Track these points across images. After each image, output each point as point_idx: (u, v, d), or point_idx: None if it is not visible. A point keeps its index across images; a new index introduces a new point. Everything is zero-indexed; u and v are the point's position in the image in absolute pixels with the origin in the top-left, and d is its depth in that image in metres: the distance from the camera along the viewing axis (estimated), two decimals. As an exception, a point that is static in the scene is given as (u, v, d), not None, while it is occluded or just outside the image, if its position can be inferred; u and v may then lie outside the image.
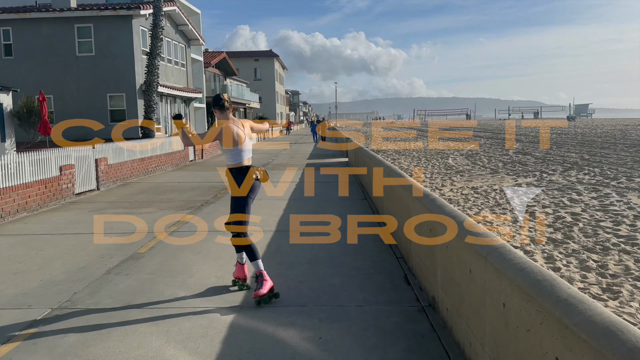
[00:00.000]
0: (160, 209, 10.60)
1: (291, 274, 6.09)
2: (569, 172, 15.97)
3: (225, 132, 5.14)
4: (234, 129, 5.18)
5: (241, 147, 5.20)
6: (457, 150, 27.50)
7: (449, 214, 4.51)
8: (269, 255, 6.90)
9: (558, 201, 10.65)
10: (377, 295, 5.32)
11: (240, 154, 5.22)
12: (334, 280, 5.82)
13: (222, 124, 5.23)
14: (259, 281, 5.13)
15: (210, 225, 8.86)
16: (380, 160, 10.09)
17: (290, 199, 11.64)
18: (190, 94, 31.11)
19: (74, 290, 5.62)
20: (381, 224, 8.78)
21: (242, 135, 5.21)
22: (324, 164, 20.90)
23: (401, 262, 6.52)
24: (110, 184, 14.48)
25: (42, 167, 11.19)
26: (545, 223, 8.66)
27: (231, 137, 5.15)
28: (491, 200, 11.06)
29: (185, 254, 7.03)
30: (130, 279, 6.00)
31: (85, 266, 6.56)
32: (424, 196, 5.50)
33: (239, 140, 5.18)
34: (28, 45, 24.32)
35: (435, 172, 17.33)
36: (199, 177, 16.75)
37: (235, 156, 5.22)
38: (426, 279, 5.27)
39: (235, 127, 5.21)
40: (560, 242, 7.45)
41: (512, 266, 3.00)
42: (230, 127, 5.17)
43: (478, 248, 3.54)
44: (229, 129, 5.16)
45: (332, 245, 7.35)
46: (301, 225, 8.75)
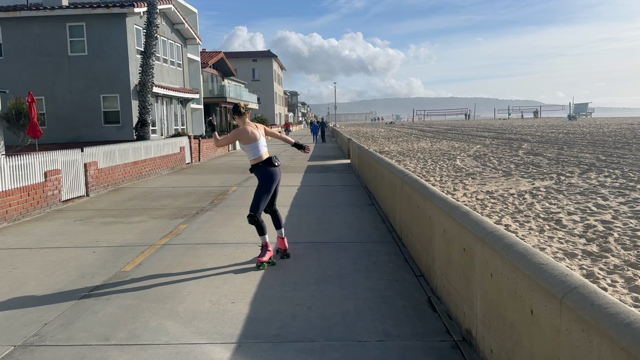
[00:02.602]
0: (151, 218, 9.79)
1: (297, 297, 5.28)
2: (587, 174, 15.11)
3: (243, 132, 6.33)
4: (248, 129, 6.35)
5: (257, 143, 6.34)
6: (463, 151, 26.70)
7: (492, 232, 3.70)
8: (270, 272, 6.10)
9: (584, 207, 9.83)
10: (399, 326, 4.51)
11: (257, 148, 6.34)
12: (347, 306, 5.01)
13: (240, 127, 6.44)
14: (263, 251, 6.38)
15: (205, 236, 8.05)
16: (390, 164, 9.28)
17: (292, 205, 10.84)
18: (186, 95, 30.27)
19: (45, 321, 4.81)
20: (393, 234, 7.98)
21: (257, 133, 6.38)
22: (325, 166, 20.09)
23: (421, 281, 5.72)
24: (100, 189, 13.66)
25: (25, 172, 10.37)
26: (575, 233, 7.85)
27: (248, 135, 6.31)
28: (510, 206, 10.24)
29: (175, 272, 6.22)
30: (112, 304, 5.19)
31: (63, 288, 5.75)
32: (453, 208, 4.68)
33: (254, 137, 6.33)
34: (18, 45, 23.47)
35: (445, 174, 16.51)
36: (195, 181, 15.93)
37: (254, 151, 6.34)
38: (457, 307, 4.46)
39: (250, 128, 6.38)
40: (597, 256, 6.64)
41: (608, 318, 2.19)
42: (245, 129, 6.36)
43: (546, 284, 2.73)
44: (245, 129, 6.36)
45: (341, 261, 6.55)
46: (305, 236, 7.95)
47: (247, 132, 6.31)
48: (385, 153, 27.57)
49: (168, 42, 28.87)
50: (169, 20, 29.14)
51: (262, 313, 4.86)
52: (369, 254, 6.88)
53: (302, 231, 8.30)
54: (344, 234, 8.10)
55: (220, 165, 21.20)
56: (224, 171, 18.73)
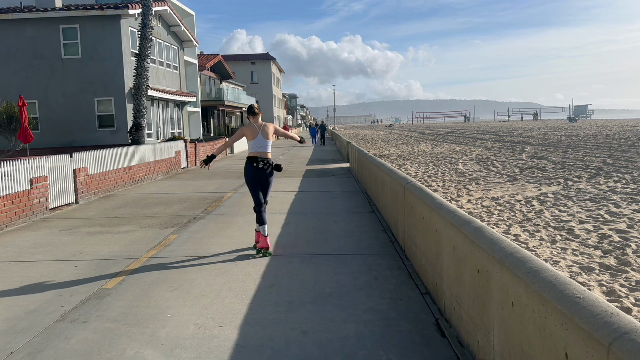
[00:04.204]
0: (141, 227, 9.31)
1: (291, 319, 4.79)
2: (595, 178, 14.59)
3: (246, 131, 7.11)
4: (251, 128, 7.08)
5: (253, 141, 7.03)
6: (464, 154, 26.22)
7: (512, 254, 3.22)
8: (263, 290, 5.62)
9: (596, 215, 9.34)
10: (405, 355, 4.03)
11: (252, 145, 7.04)
12: (347, 330, 4.53)
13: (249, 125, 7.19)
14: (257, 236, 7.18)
15: (195, 248, 7.57)
16: (392, 170, 8.80)
17: (289, 213, 10.36)
18: (183, 98, 29.79)
19: (11, 349, 4.33)
20: (395, 244, 7.51)
21: (256, 133, 7.05)
22: (324, 170, 19.61)
23: (427, 300, 5.24)
24: (91, 196, 13.17)
25: (9, 179, 9.89)
26: (589, 243, 7.37)
27: (247, 133, 7.06)
28: (518, 214, 9.75)
29: (160, 290, 5.74)
30: (88, 329, 4.70)
31: (36, 309, 5.26)
32: (464, 222, 4.21)
33: (252, 136, 7.04)
34: (11, 47, 22.99)
35: (447, 179, 16.01)
36: (189, 186, 15.45)
37: (250, 146, 7.09)
38: (470, 335, 3.98)
39: (254, 127, 7.10)
40: (616, 270, 6.17)
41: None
42: (248, 127, 7.12)
43: (586, 325, 2.25)
44: (248, 128, 7.11)
45: (340, 276, 6.07)
46: (302, 247, 7.47)
47: (247, 130, 7.09)
48: (385, 157, 27.11)
49: (164, 45, 28.42)
50: (165, 22, 28.69)
51: (252, 339, 4.38)
52: (369, 267, 6.41)
53: (299, 242, 7.83)
54: (343, 244, 7.63)
55: (217, 170, 20.72)
56: (220, 176, 18.26)
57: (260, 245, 7.09)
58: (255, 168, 6.97)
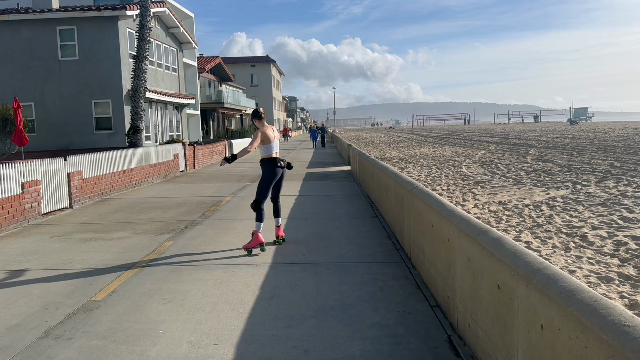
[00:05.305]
0: (135, 233, 8.96)
1: (292, 336, 4.44)
2: (605, 182, 14.20)
3: (264, 134, 7.36)
4: (267, 132, 7.38)
5: (272, 144, 7.40)
6: (467, 157, 25.86)
7: (540, 270, 2.88)
8: (262, 303, 5.26)
9: (609, 220, 8.97)
10: (416, 378, 3.68)
11: (271, 148, 7.40)
12: (353, 349, 4.18)
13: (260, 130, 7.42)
14: (253, 238, 7.25)
15: (191, 256, 7.22)
16: (396, 174, 8.45)
17: (289, 218, 10.02)
18: (182, 100, 29.46)
19: (-12, 370, 3.98)
20: (400, 252, 7.15)
21: (272, 135, 7.43)
22: (325, 173, 19.27)
23: (438, 314, 4.89)
24: (85, 200, 12.82)
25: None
26: (605, 251, 7.02)
27: (267, 137, 7.35)
28: (527, 219, 9.39)
29: (152, 302, 5.38)
30: (72, 347, 4.35)
31: (19, 324, 4.91)
32: (481, 232, 3.86)
33: (271, 139, 7.40)
34: (7, 49, 22.67)
35: (451, 182, 15.65)
36: (187, 190, 15.10)
37: (268, 149, 7.38)
38: (489, 356, 3.63)
39: (269, 131, 7.41)
40: (637, 280, 5.81)
41: None
42: (265, 131, 7.38)
43: None
44: (264, 132, 7.37)
45: (344, 287, 5.72)
46: (304, 255, 7.12)
47: (267, 134, 7.36)
48: (387, 159, 26.77)
49: (163, 46, 28.10)
50: (164, 24, 28.38)
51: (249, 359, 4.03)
52: (374, 277, 6.06)
53: (300, 249, 7.48)
54: (346, 252, 7.28)
55: (216, 173, 20.38)
56: (219, 179, 17.91)
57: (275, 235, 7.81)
58: (280, 168, 7.42)
